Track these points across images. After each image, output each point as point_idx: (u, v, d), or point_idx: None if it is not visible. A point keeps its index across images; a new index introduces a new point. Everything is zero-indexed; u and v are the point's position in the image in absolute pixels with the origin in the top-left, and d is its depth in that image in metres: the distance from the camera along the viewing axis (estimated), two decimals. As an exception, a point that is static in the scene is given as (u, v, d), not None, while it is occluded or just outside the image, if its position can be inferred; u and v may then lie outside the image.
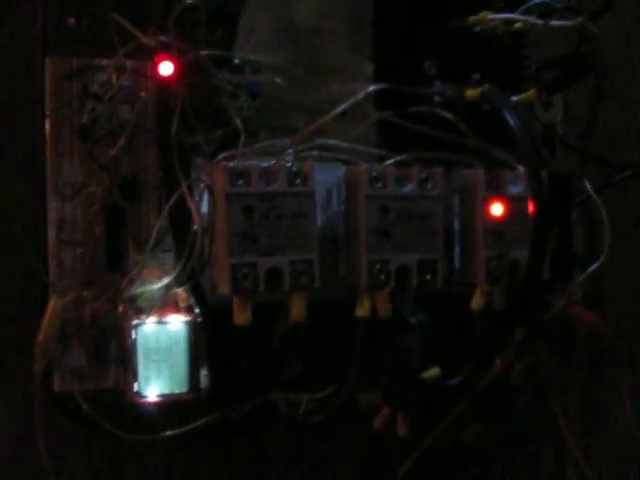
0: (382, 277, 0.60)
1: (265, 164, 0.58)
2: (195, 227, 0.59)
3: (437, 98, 0.67)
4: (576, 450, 0.68)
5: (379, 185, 0.60)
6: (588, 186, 0.68)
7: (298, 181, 0.58)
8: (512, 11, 0.67)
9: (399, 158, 0.63)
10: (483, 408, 0.66)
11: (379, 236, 0.60)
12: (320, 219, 0.62)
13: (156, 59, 0.57)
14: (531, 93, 0.66)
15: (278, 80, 0.63)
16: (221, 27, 0.66)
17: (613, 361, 0.70)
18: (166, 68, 0.57)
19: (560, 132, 0.75)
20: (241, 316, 0.57)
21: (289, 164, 0.58)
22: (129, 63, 0.61)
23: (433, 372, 0.67)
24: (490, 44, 0.69)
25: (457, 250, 0.65)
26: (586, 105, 0.76)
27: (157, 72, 0.57)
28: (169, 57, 0.57)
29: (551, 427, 0.71)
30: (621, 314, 0.74)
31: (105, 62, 0.61)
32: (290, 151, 0.61)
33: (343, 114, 0.66)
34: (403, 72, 0.69)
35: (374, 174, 0.60)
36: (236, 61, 0.65)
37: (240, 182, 0.57)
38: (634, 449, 0.72)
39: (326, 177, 0.63)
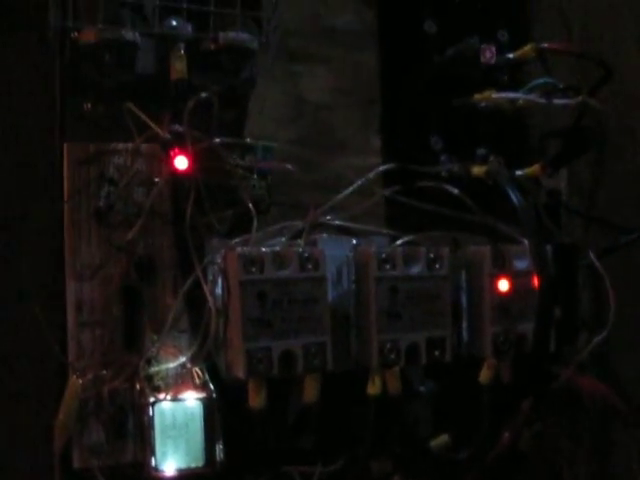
0: (392, 356, 0.62)
1: (277, 248, 0.60)
2: (210, 308, 0.61)
3: (444, 173, 0.69)
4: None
5: (388, 267, 0.62)
6: (591, 255, 0.70)
7: (309, 266, 0.60)
8: (515, 89, 0.68)
9: (407, 239, 0.64)
10: (492, 477, 0.67)
11: (389, 316, 0.62)
12: (331, 294, 0.63)
13: (171, 153, 0.59)
14: (536, 168, 0.68)
15: (289, 166, 0.65)
16: (232, 108, 0.68)
17: (622, 428, 0.71)
18: (181, 163, 0.58)
19: (564, 198, 0.76)
20: (256, 398, 0.59)
21: (300, 249, 0.60)
22: (144, 147, 0.63)
23: (442, 439, 0.68)
24: (494, 119, 0.70)
25: (465, 324, 0.67)
26: (589, 172, 0.78)
27: (172, 165, 0.59)
28: (183, 150, 0.59)
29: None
30: (629, 379, 0.75)
31: (121, 146, 0.63)
32: (301, 234, 0.63)
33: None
34: (410, 146, 0.71)
35: (383, 256, 0.62)
36: (247, 141, 0.67)
37: (253, 269, 0.58)
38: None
39: (336, 252, 0.65)
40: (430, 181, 0.68)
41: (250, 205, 0.63)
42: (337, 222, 0.66)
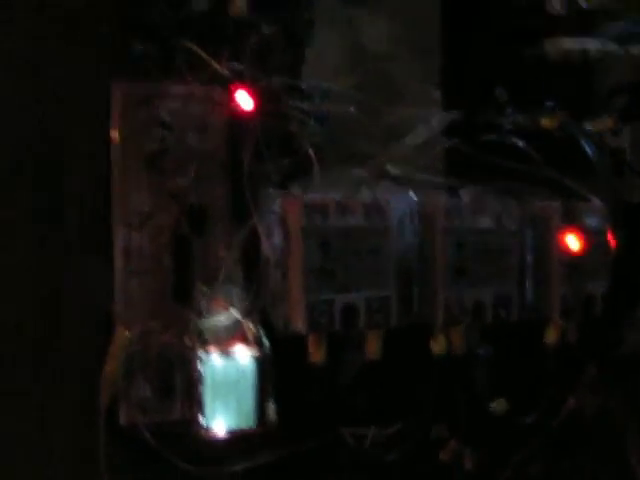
0: (458, 313, 0.59)
1: (340, 197, 0.57)
2: (266, 259, 0.58)
3: (508, 126, 0.66)
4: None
5: (456, 218, 0.59)
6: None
7: (375, 215, 0.56)
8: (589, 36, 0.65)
9: (474, 190, 0.61)
10: (555, 445, 0.64)
11: (455, 271, 0.59)
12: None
13: (233, 88, 0.56)
14: (606, 122, 0.65)
15: (351, 109, 0.61)
16: (290, 51, 0.64)
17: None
18: (245, 100, 0.55)
19: (628, 158, 0.73)
20: (316, 353, 0.56)
21: (365, 198, 0.57)
22: (200, 89, 0.60)
23: (500, 405, 0.65)
24: (563, 70, 0.67)
25: (528, 284, 0.64)
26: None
27: (234, 102, 0.56)
28: (245, 87, 0.55)
29: (618, 463, 0.70)
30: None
31: (175, 88, 0.60)
32: (363, 183, 0.60)
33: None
34: (472, 99, 0.68)
35: (450, 206, 0.58)
36: (304, 87, 0.64)
37: (317, 216, 0.55)
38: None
39: (398, 205, 0.61)
40: (494, 133, 0.65)
41: (311, 152, 0.60)
42: (396, 172, 0.62)
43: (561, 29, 0.67)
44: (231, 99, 0.56)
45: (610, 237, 0.58)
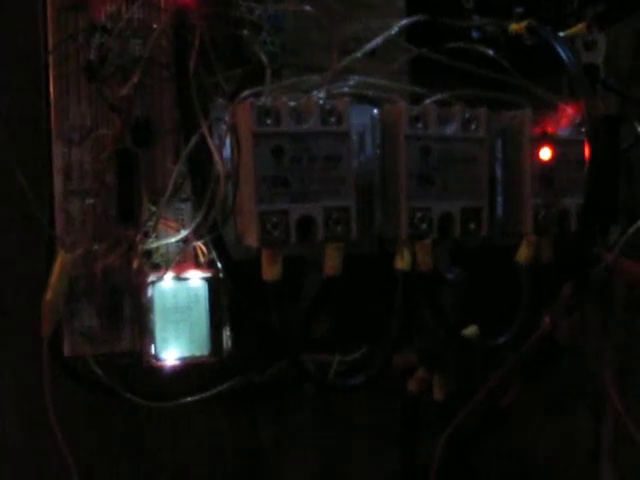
0: (424, 226, 0.55)
1: (295, 102, 0.52)
2: (217, 172, 0.53)
3: (475, 33, 0.62)
4: (618, 402, 0.63)
5: (420, 125, 0.55)
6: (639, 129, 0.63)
7: (332, 120, 0.52)
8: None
9: (439, 97, 0.57)
10: (526, 370, 0.61)
11: (420, 181, 0.55)
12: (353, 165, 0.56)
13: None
14: (579, 27, 0.61)
15: (308, 8, 0.56)
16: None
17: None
18: (187, -8, 0.51)
19: (602, 75, 0.69)
20: (270, 270, 0.52)
21: (322, 102, 0.53)
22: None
23: (471, 331, 0.62)
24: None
25: (500, 198, 0.60)
26: (630, 48, 0.71)
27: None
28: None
29: (587, 388, 0.67)
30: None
31: (114, -10, 0.55)
32: (321, 89, 0.55)
33: (373, 52, 0.61)
34: (437, 6, 0.64)
35: (414, 113, 0.54)
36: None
37: (268, 121, 0.51)
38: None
39: (358, 120, 0.57)
40: (461, 42, 0.61)
41: (265, 59, 0.55)
42: (362, 79, 0.58)
43: None
44: None
45: (583, 146, 0.54)
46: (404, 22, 0.60)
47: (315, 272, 0.56)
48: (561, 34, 0.62)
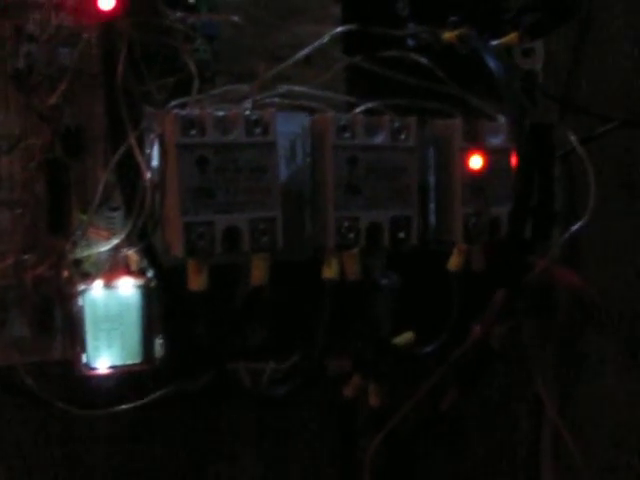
0: (351, 235, 0.55)
1: (221, 112, 0.52)
2: (145, 182, 0.53)
3: (411, 42, 0.62)
4: (553, 412, 0.64)
5: (347, 135, 0.55)
6: (572, 138, 0.63)
7: (258, 131, 0.53)
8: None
9: (370, 106, 0.57)
10: (461, 375, 0.62)
11: (348, 191, 0.55)
12: (284, 173, 0.57)
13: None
14: (512, 37, 0.61)
15: (237, 19, 0.57)
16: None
17: (594, 324, 0.66)
18: (106, 1, 0.50)
19: (541, 81, 0.70)
20: (196, 280, 0.52)
21: (247, 112, 0.53)
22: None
23: (406, 337, 0.62)
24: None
25: (432, 206, 0.60)
26: (568, 53, 0.72)
27: (96, 6, 0.51)
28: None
29: (528, 392, 0.68)
30: (602, 275, 0.70)
31: (41, -2, 0.55)
32: (249, 99, 0.55)
33: (308, 59, 0.61)
34: (373, 14, 0.64)
35: (342, 123, 0.55)
36: (191, 0, 0.59)
37: (193, 132, 0.51)
38: (612, 412, 0.68)
39: (290, 128, 0.58)
40: (396, 50, 0.61)
41: (192, 66, 0.55)
42: (291, 89, 0.58)
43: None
44: (95, 4, 0.51)
45: (511, 155, 0.54)
46: (336, 30, 0.60)
47: (247, 280, 0.56)
48: (494, 42, 0.62)
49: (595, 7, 0.72)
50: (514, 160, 0.55)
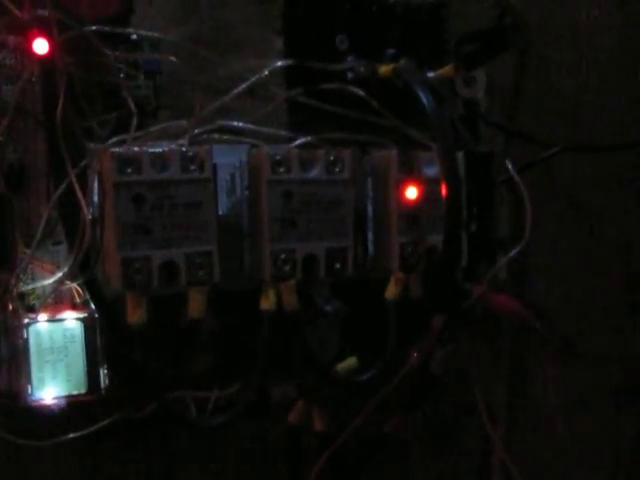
0: (287, 268, 0.57)
1: (157, 149, 0.54)
2: (86, 217, 0.55)
3: (350, 75, 0.64)
4: (498, 442, 0.66)
5: (282, 169, 0.56)
6: (510, 166, 0.65)
7: (193, 167, 0.54)
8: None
9: (306, 140, 0.59)
10: (402, 400, 0.63)
11: (283, 224, 0.56)
12: (224, 206, 0.58)
13: (30, 36, 0.52)
14: (448, 69, 0.63)
15: (173, 59, 0.58)
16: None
17: (538, 345, 0.68)
18: (41, 46, 0.52)
19: (483, 109, 0.71)
20: (135, 314, 0.54)
21: (183, 149, 0.54)
22: (10, 38, 0.56)
23: (350, 362, 0.64)
24: (406, 16, 0.65)
25: (370, 236, 0.62)
26: (510, 81, 0.73)
27: (31, 49, 0.52)
28: (45, 34, 0.52)
29: (475, 415, 0.69)
30: (547, 295, 0.72)
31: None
32: (186, 135, 0.57)
33: (250, 92, 0.63)
34: (314, 47, 0.65)
35: (277, 157, 0.56)
36: (133, 37, 0.61)
37: (129, 170, 0.53)
38: (556, 434, 0.70)
39: (230, 160, 0.59)
40: (335, 83, 0.62)
41: (132, 104, 0.57)
42: (228, 124, 0.60)
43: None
44: (30, 48, 0.52)
45: (442, 187, 0.56)
46: (276, 65, 0.62)
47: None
48: (432, 74, 0.64)
49: (535, 35, 0.74)
50: (444, 191, 0.57)
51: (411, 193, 0.60)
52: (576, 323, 0.76)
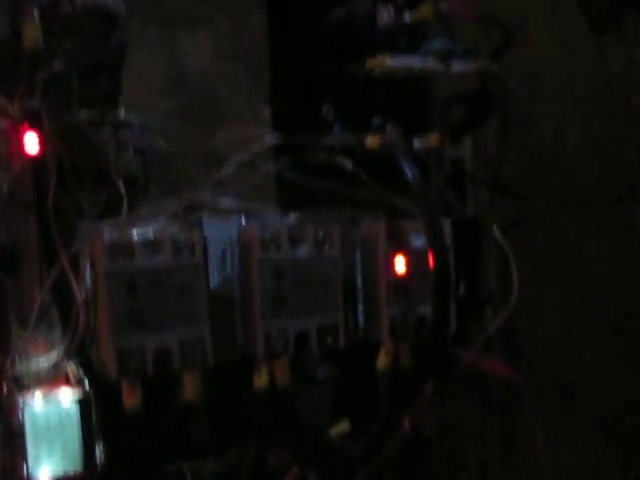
0: (279, 345, 0.57)
1: (148, 234, 0.54)
2: (79, 301, 0.55)
3: (337, 146, 0.64)
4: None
5: (272, 248, 0.57)
6: (496, 231, 0.66)
7: (185, 252, 0.55)
8: (412, 52, 0.64)
9: (293, 219, 0.60)
10: (395, 466, 0.64)
11: (275, 303, 0.57)
12: (215, 280, 0.59)
13: (21, 131, 0.53)
14: (434, 139, 0.64)
15: (161, 142, 0.59)
16: (103, 77, 0.61)
17: (528, 406, 0.69)
18: (32, 146, 0.52)
19: (469, 167, 0.72)
20: (130, 398, 0.54)
21: (174, 233, 0.55)
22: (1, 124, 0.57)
23: (342, 427, 0.64)
24: (391, 86, 0.66)
25: (360, 307, 0.63)
26: (494, 141, 0.74)
27: (24, 152, 0.53)
28: (35, 129, 0.53)
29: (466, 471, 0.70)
30: (535, 354, 0.73)
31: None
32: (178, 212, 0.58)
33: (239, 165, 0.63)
34: (302, 116, 0.66)
35: (267, 237, 0.57)
36: (120, 118, 0.61)
37: (121, 257, 0.53)
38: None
39: (221, 233, 0.59)
40: (322, 153, 0.63)
41: (121, 186, 0.57)
42: (221, 201, 0.61)
43: (388, 44, 0.65)
44: (21, 143, 0.53)
45: (430, 257, 0.57)
46: (266, 140, 0.62)
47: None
48: (417, 144, 0.65)
49: (517, 95, 0.75)
50: (431, 263, 0.58)
51: (399, 266, 0.61)
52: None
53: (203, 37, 0.65)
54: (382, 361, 0.62)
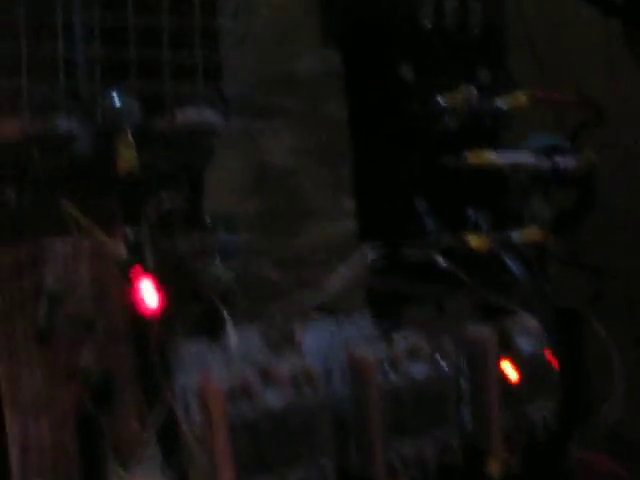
0: (399, 469, 0.54)
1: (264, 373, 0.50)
2: (186, 440, 0.51)
3: (435, 247, 0.61)
4: None
5: (389, 371, 0.54)
6: (595, 323, 0.64)
7: (304, 387, 0.51)
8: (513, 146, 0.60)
9: (406, 338, 0.56)
10: None
11: (394, 425, 0.54)
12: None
13: (133, 280, 0.48)
14: (535, 233, 0.61)
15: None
16: (188, 182, 0.57)
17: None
18: (151, 300, 0.48)
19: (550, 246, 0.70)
20: None
21: (291, 366, 0.51)
22: (86, 244, 0.52)
23: None
24: (483, 176, 0.62)
25: (467, 411, 0.60)
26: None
27: (137, 300, 0.49)
28: (147, 275, 0.48)
29: None
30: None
31: (59, 248, 0.52)
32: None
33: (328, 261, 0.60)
34: (387, 206, 0.63)
35: (384, 364, 0.54)
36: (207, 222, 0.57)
37: (239, 401, 0.49)
38: None
39: (320, 338, 0.56)
40: (418, 253, 0.60)
41: (223, 313, 0.53)
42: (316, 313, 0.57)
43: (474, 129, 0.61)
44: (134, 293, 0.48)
45: (546, 361, 0.54)
46: (361, 257, 0.58)
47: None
48: (518, 239, 0.62)
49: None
50: (556, 363, 0.55)
51: (510, 373, 0.58)
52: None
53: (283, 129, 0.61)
54: (494, 468, 0.59)
